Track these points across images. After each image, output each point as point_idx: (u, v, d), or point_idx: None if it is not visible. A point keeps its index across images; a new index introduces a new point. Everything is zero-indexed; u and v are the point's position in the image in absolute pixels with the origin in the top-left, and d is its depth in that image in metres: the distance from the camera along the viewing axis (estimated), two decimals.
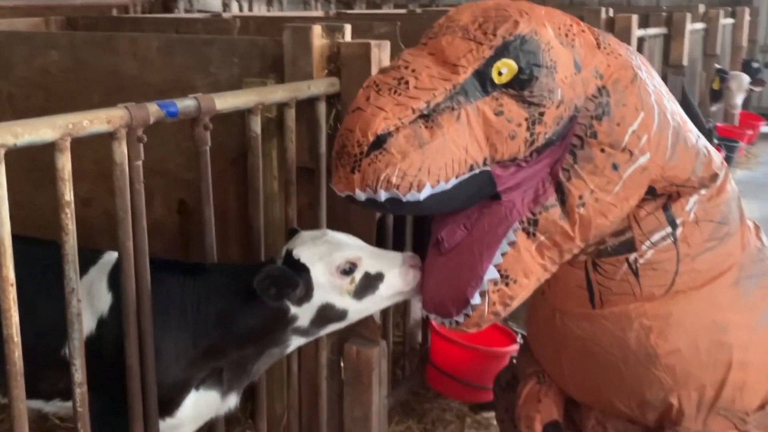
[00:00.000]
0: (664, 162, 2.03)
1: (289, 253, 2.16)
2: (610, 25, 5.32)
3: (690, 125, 2.18)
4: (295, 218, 2.65)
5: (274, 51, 2.78)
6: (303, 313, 2.15)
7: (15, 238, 1.78)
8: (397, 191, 1.80)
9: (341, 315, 2.18)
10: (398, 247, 2.99)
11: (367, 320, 2.88)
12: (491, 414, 3.55)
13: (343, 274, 2.11)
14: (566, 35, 1.95)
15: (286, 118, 2.53)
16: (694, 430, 2.20)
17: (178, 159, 3.10)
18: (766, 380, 2.24)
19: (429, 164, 1.81)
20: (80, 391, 1.95)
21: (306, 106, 2.63)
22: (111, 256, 2.28)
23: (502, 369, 2.89)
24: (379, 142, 1.79)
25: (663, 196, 2.09)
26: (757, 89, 9.09)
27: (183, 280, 2.20)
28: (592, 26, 2.08)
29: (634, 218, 2.07)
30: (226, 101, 2.24)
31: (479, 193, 1.94)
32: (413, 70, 1.85)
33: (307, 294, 2.12)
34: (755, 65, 9.21)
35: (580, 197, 1.96)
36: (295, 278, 2.08)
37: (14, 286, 1.74)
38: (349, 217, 2.74)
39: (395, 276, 2.14)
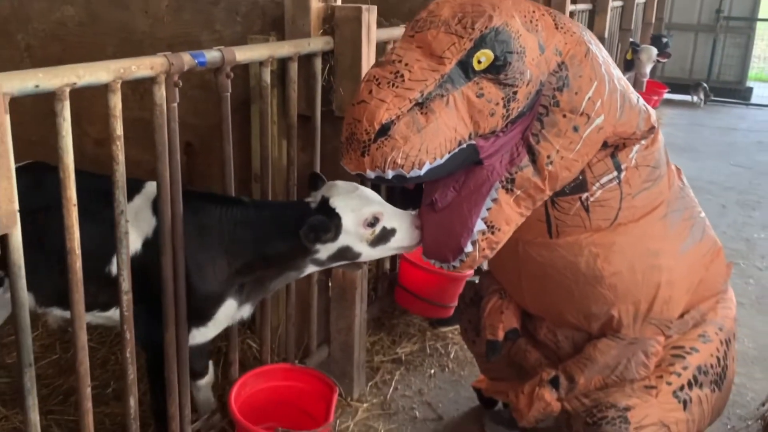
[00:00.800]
0: (615, 121, 2.14)
1: (326, 200, 2.26)
2: (547, 1, 5.46)
3: (631, 87, 2.29)
4: (295, 158, 2.74)
5: (273, 11, 2.83)
6: (325, 250, 2.27)
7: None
8: (402, 170, 1.87)
9: (355, 256, 2.30)
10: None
11: None
12: (447, 328, 3.74)
13: (368, 226, 2.24)
14: (531, 21, 2.01)
15: (289, 70, 2.59)
16: (631, 335, 2.38)
17: (185, 106, 3.07)
18: (685, 295, 2.43)
19: (427, 145, 1.87)
20: (126, 298, 2.04)
21: (305, 62, 2.69)
22: (153, 186, 2.34)
23: (466, 287, 3.04)
24: (384, 129, 1.84)
25: (611, 146, 2.21)
26: (663, 60, 9.37)
27: (221, 209, 2.29)
28: (548, 8, 2.13)
29: (587, 164, 2.19)
30: (244, 54, 2.31)
31: (466, 161, 2.02)
32: (406, 64, 1.89)
33: (334, 237, 2.23)
34: (664, 39, 9.50)
35: (548, 156, 2.06)
36: (331, 227, 2.19)
37: (76, 206, 1.81)
38: (336, 159, 2.84)
39: (405, 232, 2.26)
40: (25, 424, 1.83)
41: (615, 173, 2.22)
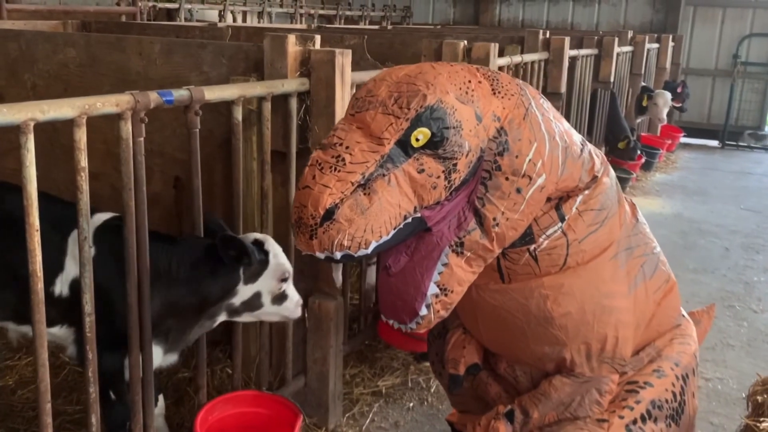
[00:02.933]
0: (557, 178, 2.17)
1: (261, 243, 2.46)
2: (546, 45, 5.57)
3: (575, 138, 2.29)
4: (270, 192, 2.85)
5: (256, 55, 2.97)
6: (242, 293, 2.46)
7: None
8: (349, 250, 1.92)
9: (257, 307, 2.52)
10: None
11: (328, 279, 3.10)
12: None
13: (280, 281, 2.49)
14: (466, 93, 2.02)
15: (263, 109, 2.72)
16: (586, 374, 2.39)
17: (175, 142, 3.28)
18: (636, 332, 2.44)
19: (371, 225, 1.91)
20: (89, 320, 2.14)
21: (282, 101, 2.82)
22: (100, 217, 2.48)
23: None
24: (329, 214, 1.88)
25: (555, 199, 2.25)
26: (677, 105, 9.42)
27: (159, 246, 2.41)
28: (487, 72, 2.15)
29: (533, 219, 2.22)
30: (213, 93, 2.44)
31: (414, 232, 2.06)
32: (347, 147, 1.94)
33: (256, 276, 2.44)
34: (678, 89, 9.58)
35: (494, 219, 2.08)
36: (253, 252, 2.37)
37: (38, 232, 1.92)
38: None
39: (293, 304, 2.57)
40: None
41: (560, 224, 2.26)
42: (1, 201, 2.45)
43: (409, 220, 1.99)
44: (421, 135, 1.93)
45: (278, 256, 2.48)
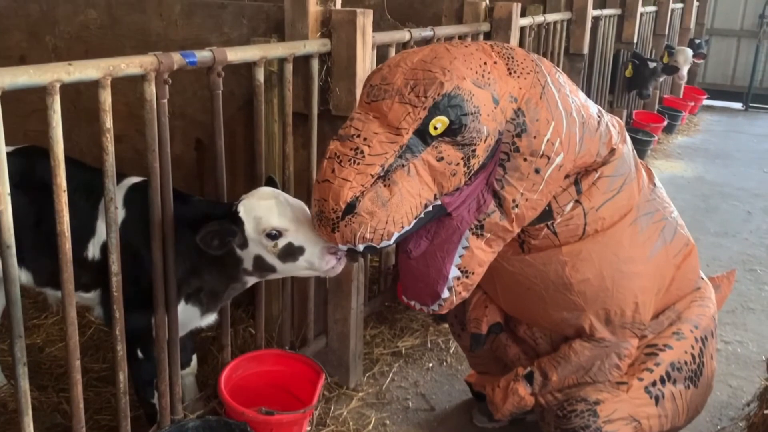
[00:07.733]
0: (575, 156, 2.16)
1: (237, 204, 2.33)
2: (569, 5, 5.48)
3: (592, 110, 2.25)
4: (292, 155, 2.86)
5: (277, 15, 2.94)
6: (246, 258, 2.33)
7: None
8: (371, 242, 1.93)
9: (272, 268, 2.33)
10: None
11: None
12: None
13: (268, 238, 2.26)
14: (482, 76, 1.98)
15: (284, 71, 2.71)
16: (607, 339, 2.41)
17: (196, 104, 3.29)
18: (656, 297, 2.46)
19: (393, 216, 1.91)
20: (116, 279, 2.17)
21: (302, 63, 2.80)
22: (130, 181, 2.47)
23: None
24: (350, 207, 1.87)
25: (574, 175, 2.24)
26: (699, 61, 9.25)
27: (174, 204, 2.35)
28: (501, 50, 2.10)
29: (552, 196, 2.22)
30: (235, 54, 2.42)
31: (434, 218, 2.06)
32: (365, 139, 1.91)
33: (244, 243, 2.30)
34: (698, 41, 9.44)
35: (513, 200, 2.08)
36: (233, 229, 2.25)
37: (66, 192, 1.94)
38: None
39: (314, 255, 2.26)
40: (16, 391, 1.98)
41: (576, 196, 2.26)
42: (32, 168, 2.45)
43: (430, 208, 1.99)
44: (440, 123, 1.91)
45: (250, 213, 2.28)
